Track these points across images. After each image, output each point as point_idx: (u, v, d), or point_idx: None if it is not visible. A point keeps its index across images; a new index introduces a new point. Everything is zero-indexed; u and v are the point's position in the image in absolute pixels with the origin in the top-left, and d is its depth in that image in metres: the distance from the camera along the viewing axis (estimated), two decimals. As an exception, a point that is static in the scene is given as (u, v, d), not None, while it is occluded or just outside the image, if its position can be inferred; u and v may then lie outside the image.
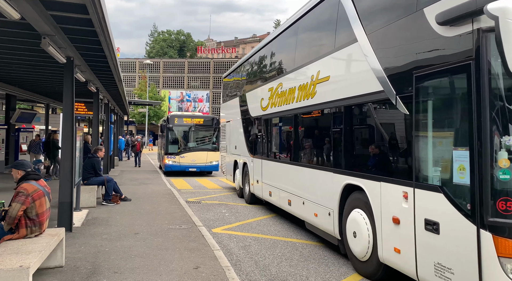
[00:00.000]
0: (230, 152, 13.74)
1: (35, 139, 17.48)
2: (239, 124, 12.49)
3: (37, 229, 5.07)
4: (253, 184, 10.95)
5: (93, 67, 9.98)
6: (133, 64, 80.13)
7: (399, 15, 4.92)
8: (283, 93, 8.70)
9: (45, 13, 5.48)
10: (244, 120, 12.17)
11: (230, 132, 13.92)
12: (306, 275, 5.66)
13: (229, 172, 14.01)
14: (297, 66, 8.17)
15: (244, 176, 12.00)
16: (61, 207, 7.19)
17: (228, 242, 7.45)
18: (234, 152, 13.14)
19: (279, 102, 8.92)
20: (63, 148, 7.47)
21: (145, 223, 8.17)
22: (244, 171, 12.02)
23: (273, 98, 9.35)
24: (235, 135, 13.15)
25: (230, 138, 13.88)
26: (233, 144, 13.40)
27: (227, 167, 14.43)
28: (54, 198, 6.57)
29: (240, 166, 12.37)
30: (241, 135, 12.19)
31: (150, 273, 5.17)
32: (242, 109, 12.33)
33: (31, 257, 4.31)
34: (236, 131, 12.90)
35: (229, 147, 13.96)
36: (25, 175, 5.24)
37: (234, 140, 13.32)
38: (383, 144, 5.46)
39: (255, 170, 10.73)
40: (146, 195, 12.13)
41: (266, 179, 9.86)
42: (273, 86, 9.35)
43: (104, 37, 6.70)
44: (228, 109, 14.59)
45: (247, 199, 11.81)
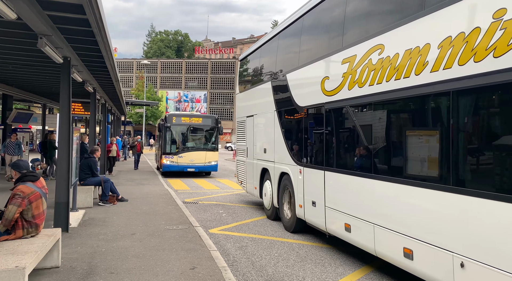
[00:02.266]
0: (255, 157, 10.41)
1: (12, 140, 15.61)
2: (273, 119, 9.10)
3: (33, 230, 5.06)
4: (301, 205, 7.61)
5: (90, 68, 9.97)
6: (130, 64, 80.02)
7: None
8: (385, 64, 5.22)
9: (41, 13, 5.47)
10: (283, 113, 8.73)
11: (254, 130, 10.50)
12: (302, 276, 5.67)
13: (252, 183, 10.70)
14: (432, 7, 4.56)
15: (282, 191, 8.68)
16: (57, 207, 7.17)
17: (225, 242, 7.45)
18: (262, 157, 9.85)
19: (371, 79, 5.48)
20: (60, 148, 7.46)
21: (142, 224, 8.16)
22: (282, 184, 8.68)
23: (355, 75, 5.90)
24: (263, 135, 9.95)
25: (255, 138, 10.52)
26: (259, 146, 10.17)
27: (248, 176, 11.14)
28: (51, 198, 6.56)
29: (275, 178, 8.96)
30: (278, 134, 8.84)
31: (147, 274, 5.16)
32: (279, 97, 8.91)
33: (27, 258, 4.29)
34: (266, 129, 9.62)
35: (252, 150, 10.67)
36: (21, 177, 5.23)
37: (261, 141, 10.10)
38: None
39: (308, 185, 7.39)
40: (143, 195, 12.11)
41: (337, 203, 6.38)
42: (357, 54, 5.87)
43: (101, 37, 6.69)
44: (250, 100, 11.17)
45: (288, 224, 8.41)
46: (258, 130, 10.34)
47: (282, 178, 8.66)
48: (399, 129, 5.28)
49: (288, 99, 8.32)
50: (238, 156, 12.42)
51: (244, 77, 12.38)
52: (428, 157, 4.59)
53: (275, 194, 9.04)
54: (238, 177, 12.40)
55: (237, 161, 12.54)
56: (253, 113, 10.63)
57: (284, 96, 8.58)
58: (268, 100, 9.44)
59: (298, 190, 7.80)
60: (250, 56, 11.73)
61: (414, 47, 4.73)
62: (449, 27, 4.23)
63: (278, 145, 8.84)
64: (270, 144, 9.30)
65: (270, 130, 9.25)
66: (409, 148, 4.88)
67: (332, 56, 6.74)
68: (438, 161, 4.38)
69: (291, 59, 8.52)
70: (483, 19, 3.80)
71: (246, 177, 11.33)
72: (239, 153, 12.18)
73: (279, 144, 8.78)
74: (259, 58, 10.90)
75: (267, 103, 9.46)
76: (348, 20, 6.49)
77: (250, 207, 11.31)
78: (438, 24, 4.43)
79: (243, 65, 12.40)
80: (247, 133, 11.19)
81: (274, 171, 9.01)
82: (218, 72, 78.46)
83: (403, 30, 5.04)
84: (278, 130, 8.83)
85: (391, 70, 5.12)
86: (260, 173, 9.98)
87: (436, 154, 4.41)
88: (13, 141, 15.51)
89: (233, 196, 13.40)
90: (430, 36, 4.50)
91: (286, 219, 8.58)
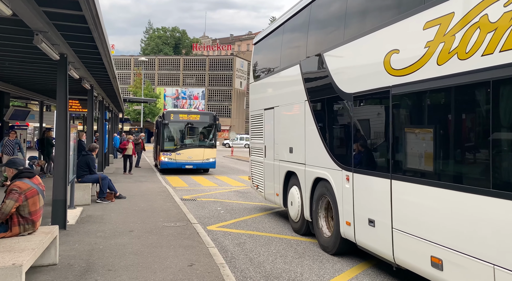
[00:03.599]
0: (276, 158, 8.68)
1: (10, 138, 14.14)
2: (302, 112, 7.38)
3: (30, 227, 5.05)
4: (349, 223, 5.85)
5: (87, 64, 9.92)
6: (128, 61, 79.81)
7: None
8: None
9: (37, 10, 5.43)
10: (318, 103, 6.96)
11: (276, 126, 8.74)
12: (300, 272, 5.68)
13: (272, 189, 9.01)
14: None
15: (317, 201, 6.95)
16: (55, 204, 7.16)
17: (223, 239, 7.45)
18: (287, 157, 8.13)
19: (488, 46, 3.62)
20: (57, 146, 7.44)
21: (140, 221, 8.16)
22: (316, 192, 6.98)
23: (450, 42, 4.07)
24: (288, 131, 8.16)
25: (276, 135, 8.73)
26: (282, 145, 8.39)
27: (266, 180, 9.38)
28: (48, 196, 6.54)
29: (306, 184, 7.28)
30: (310, 130, 7.09)
31: (145, 271, 5.16)
32: (313, 84, 7.16)
33: (24, 255, 4.28)
34: (293, 124, 7.91)
35: (272, 150, 8.92)
36: (18, 173, 5.22)
37: (285, 139, 8.32)
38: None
39: (362, 197, 5.58)
40: (141, 192, 12.10)
41: (415, 225, 4.57)
42: (456, 12, 4.05)
43: (97, 34, 6.65)
44: (269, 90, 9.55)
45: (327, 244, 6.65)
46: (280, 125, 8.52)
47: (316, 184, 6.94)
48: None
49: (328, 85, 6.48)
50: (253, 156, 10.43)
51: (260, 63, 10.53)
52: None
53: (306, 204, 7.32)
54: (253, 181, 10.39)
55: (252, 161, 10.52)
56: (274, 105, 8.83)
57: (321, 83, 6.84)
58: (295, 88, 7.73)
59: (344, 202, 5.96)
60: (269, 37, 9.76)
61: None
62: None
63: (311, 143, 7.10)
64: (299, 142, 7.56)
65: (299, 125, 7.52)
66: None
67: (406, 21, 4.80)
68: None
69: (332, 34, 6.79)
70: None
71: (264, 181, 9.53)
72: (255, 152, 10.31)
73: (312, 142, 7.03)
74: (281, 38, 8.96)
75: (295, 92, 7.77)
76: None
77: (248, 204, 11.31)
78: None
79: (259, 49, 10.57)
80: (265, 129, 9.38)
81: (305, 175, 7.30)
82: (216, 69, 78.33)
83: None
84: (311, 125, 7.06)
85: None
86: (284, 177, 8.28)
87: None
88: (12, 139, 14.14)
89: (231, 193, 13.40)
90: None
91: (324, 237, 6.74)
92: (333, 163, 6.33)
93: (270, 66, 9.64)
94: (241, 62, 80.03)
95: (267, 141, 9.33)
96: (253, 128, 10.54)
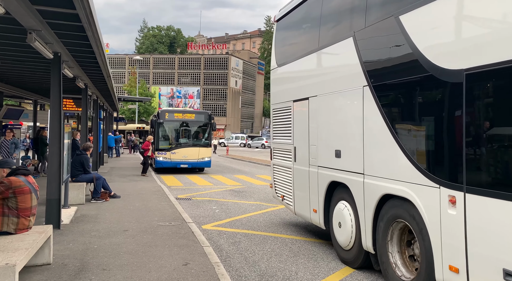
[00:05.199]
0: (313, 163, 6.87)
1: (7, 138, 13.02)
2: (359, 101, 5.50)
3: (16, 222, 4.99)
4: (457, 270, 3.86)
5: (81, 63, 9.88)
6: (122, 60, 79.52)
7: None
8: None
9: (30, 8, 5.40)
10: (389, 88, 5.06)
11: (312, 121, 6.96)
12: (295, 271, 5.69)
13: (307, 203, 7.16)
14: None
15: (385, 229, 5.02)
16: (49, 204, 7.12)
17: (218, 238, 7.45)
18: (331, 163, 6.29)
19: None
20: (51, 145, 7.41)
21: (135, 220, 8.14)
22: (385, 216, 5.03)
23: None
24: (334, 128, 6.33)
25: (312, 133, 6.92)
26: (324, 147, 6.57)
27: (297, 191, 7.56)
28: (42, 195, 6.51)
29: (367, 203, 5.36)
30: (374, 126, 5.22)
31: (139, 270, 5.15)
32: (381, 63, 5.26)
33: (18, 255, 4.26)
34: (341, 119, 6.10)
35: (307, 152, 7.09)
36: (13, 170, 5.21)
37: (328, 138, 6.48)
38: None
39: (492, 235, 3.55)
40: (135, 192, 12.06)
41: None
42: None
43: (91, 33, 6.62)
44: (301, 76, 7.64)
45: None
46: (320, 120, 6.69)
47: (384, 203, 5.04)
48: None
49: (408, 61, 4.58)
50: (276, 159, 8.55)
51: (286, 43, 8.57)
52: None
53: (366, 229, 5.36)
54: (277, 190, 8.54)
55: (275, 166, 8.63)
56: (309, 95, 6.99)
57: (396, 59, 4.87)
58: (346, 71, 5.98)
59: (445, 236, 4.04)
60: (299, 10, 7.83)
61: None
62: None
63: (374, 145, 5.21)
64: (352, 143, 5.72)
65: (353, 120, 5.71)
66: None
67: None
68: None
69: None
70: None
71: (293, 192, 7.71)
72: (278, 155, 8.42)
73: (377, 144, 5.15)
74: (319, 8, 6.97)
75: (345, 77, 6.00)
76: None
77: (243, 203, 11.31)
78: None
79: (284, 27, 8.61)
80: (295, 126, 7.58)
81: (365, 190, 5.37)
82: (211, 68, 78.24)
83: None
84: (376, 119, 5.11)
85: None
86: (326, 188, 6.46)
87: None
88: (9, 139, 12.94)
89: (226, 192, 13.40)
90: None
91: (399, 279, 4.76)
92: (420, 176, 4.31)
93: (302, 46, 7.59)
94: (236, 61, 79.97)
95: (298, 141, 7.46)
96: (276, 125, 8.60)
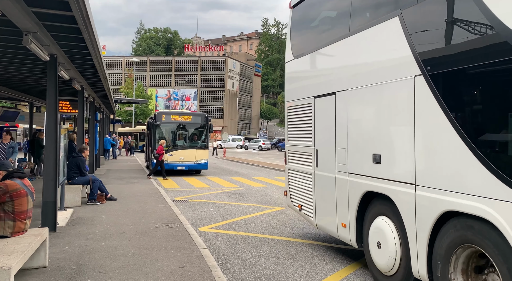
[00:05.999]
0: (342, 169, 5.84)
1: (4, 141, 12.07)
2: (409, 95, 4.54)
3: (12, 225, 4.96)
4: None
5: (77, 65, 9.85)
6: (119, 62, 79.44)
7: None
8: None
9: (26, 10, 5.38)
10: (459, 76, 3.94)
11: (340, 120, 5.92)
12: (292, 273, 5.69)
13: (333, 216, 6.11)
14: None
15: (446, 255, 3.95)
16: (45, 206, 7.09)
17: (215, 240, 7.43)
18: (369, 171, 5.26)
19: None
20: (47, 147, 7.38)
21: (131, 222, 8.11)
22: (446, 240, 3.96)
23: None
24: (371, 128, 5.30)
25: (342, 134, 5.86)
26: (357, 150, 5.55)
27: (320, 201, 6.51)
28: (38, 198, 6.49)
29: (419, 221, 4.33)
30: (433, 125, 4.18)
31: (136, 273, 5.13)
32: (444, 48, 4.18)
33: (13, 258, 4.24)
34: (382, 116, 5.10)
35: (334, 156, 6.04)
36: (9, 173, 5.18)
37: (363, 140, 5.45)
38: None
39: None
40: (132, 194, 12.03)
41: None
42: None
43: (88, 35, 6.61)
44: (325, 67, 6.72)
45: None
46: (352, 119, 5.64)
47: (444, 222, 4.03)
48: None
49: (491, 39, 3.56)
50: (292, 164, 7.51)
51: (305, 31, 7.58)
52: None
53: (420, 253, 4.32)
54: (293, 199, 7.47)
55: (291, 171, 7.57)
56: (337, 90, 5.94)
57: (463, 40, 3.88)
58: (389, 58, 4.95)
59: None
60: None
61: None
62: None
63: (433, 147, 4.20)
64: (400, 146, 4.71)
65: (399, 118, 4.75)
66: None
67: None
68: None
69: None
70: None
71: (314, 201, 6.63)
72: (295, 158, 7.38)
73: (438, 146, 4.12)
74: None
75: (388, 65, 4.98)
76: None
77: (240, 205, 11.30)
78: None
79: (303, 11, 7.54)
80: (317, 125, 6.53)
81: (417, 205, 4.36)
82: (208, 70, 78.26)
83: None
84: (437, 116, 4.10)
85: None
86: (359, 199, 5.41)
87: None
88: (6, 143, 12.11)
89: (223, 194, 13.38)
90: None
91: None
92: (506, 189, 3.35)
93: (326, 34, 6.65)
94: (233, 63, 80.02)
95: (320, 143, 6.44)
96: (292, 126, 7.55)
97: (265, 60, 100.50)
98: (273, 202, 11.86)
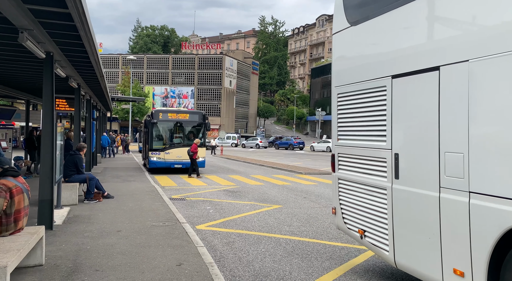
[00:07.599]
0: (460, 186, 3.64)
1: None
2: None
3: (12, 226, 4.96)
4: None
5: (74, 63, 9.81)
6: (116, 59, 79.16)
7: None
8: None
9: (22, 7, 5.35)
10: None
11: (451, 111, 3.77)
12: (289, 270, 5.69)
13: (433, 255, 3.93)
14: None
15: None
16: (41, 204, 7.07)
17: (212, 238, 7.44)
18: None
19: None
20: (43, 145, 7.35)
21: (128, 220, 8.10)
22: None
23: None
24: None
25: (452, 133, 3.75)
26: (494, 157, 3.34)
27: (408, 229, 4.30)
28: (34, 196, 6.47)
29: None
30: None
31: (133, 271, 5.13)
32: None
33: (9, 256, 4.22)
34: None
35: (438, 165, 3.88)
36: (2, 172, 5.15)
37: (505, 144, 3.24)
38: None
39: None
40: (129, 192, 12.01)
41: None
42: None
43: (84, 32, 6.58)
44: (406, 35, 4.44)
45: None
46: (477, 107, 3.52)
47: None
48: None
49: None
50: (346, 171, 5.53)
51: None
52: None
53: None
54: (348, 219, 5.46)
55: (343, 181, 5.58)
56: (443, 63, 3.85)
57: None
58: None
59: None
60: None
61: None
62: None
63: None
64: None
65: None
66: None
67: None
68: None
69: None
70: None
71: (391, 229, 4.55)
72: (352, 163, 5.37)
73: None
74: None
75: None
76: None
77: (237, 203, 11.30)
78: None
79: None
80: (396, 118, 4.51)
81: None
82: (206, 68, 78.09)
83: None
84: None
85: None
86: (496, 239, 3.31)
87: None
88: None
89: (220, 192, 13.38)
90: None
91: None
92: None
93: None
94: (231, 61, 79.90)
95: (404, 144, 4.43)
96: (346, 119, 5.54)
97: (262, 58, 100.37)
98: (271, 200, 11.87)
